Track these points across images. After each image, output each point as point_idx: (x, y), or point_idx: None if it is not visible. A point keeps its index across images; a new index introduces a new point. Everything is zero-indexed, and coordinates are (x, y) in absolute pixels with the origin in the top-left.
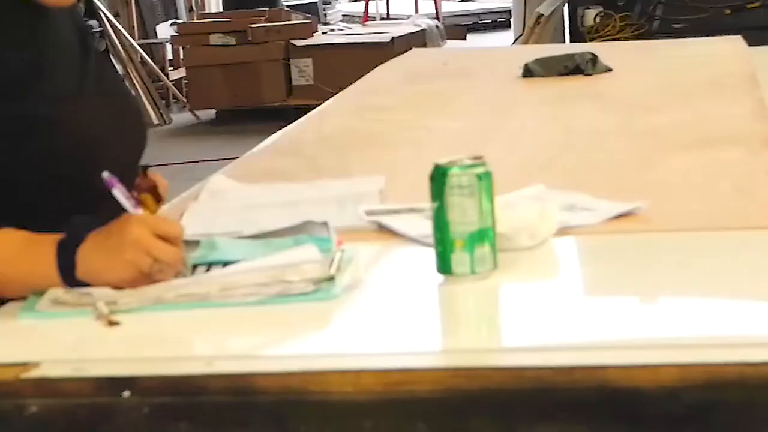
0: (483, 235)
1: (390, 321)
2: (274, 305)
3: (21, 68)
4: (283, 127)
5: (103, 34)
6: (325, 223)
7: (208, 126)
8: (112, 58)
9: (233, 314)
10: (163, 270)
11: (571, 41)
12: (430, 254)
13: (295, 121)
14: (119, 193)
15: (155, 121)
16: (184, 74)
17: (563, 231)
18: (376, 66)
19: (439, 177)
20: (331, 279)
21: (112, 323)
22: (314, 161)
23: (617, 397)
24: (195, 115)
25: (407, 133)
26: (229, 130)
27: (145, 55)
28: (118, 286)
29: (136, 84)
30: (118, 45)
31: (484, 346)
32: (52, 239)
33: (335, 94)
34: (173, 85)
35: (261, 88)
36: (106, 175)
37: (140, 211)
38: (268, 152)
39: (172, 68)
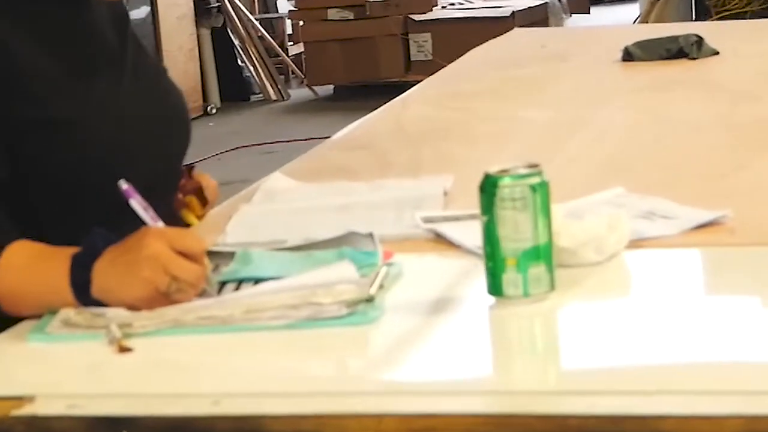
0: (538, 253)
1: (425, 352)
2: (304, 330)
3: (49, 68)
4: None
5: (221, 9)
6: (370, 235)
7: (325, 102)
8: (230, 33)
9: (257, 340)
10: (182, 289)
11: (696, 17)
12: None
13: None
14: (137, 204)
15: (273, 97)
16: (303, 49)
17: (636, 243)
18: None
19: (489, 188)
20: (370, 300)
21: (123, 349)
22: (384, 156)
23: None
24: (313, 90)
25: (487, 125)
26: (347, 106)
27: (263, 30)
28: (134, 306)
29: (254, 59)
30: (236, 20)
31: (522, 388)
32: (68, 253)
33: None
34: (293, 60)
35: (379, 63)
36: (123, 184)
37: (160, 224)
38: (339, 145)
39: (291, 43)
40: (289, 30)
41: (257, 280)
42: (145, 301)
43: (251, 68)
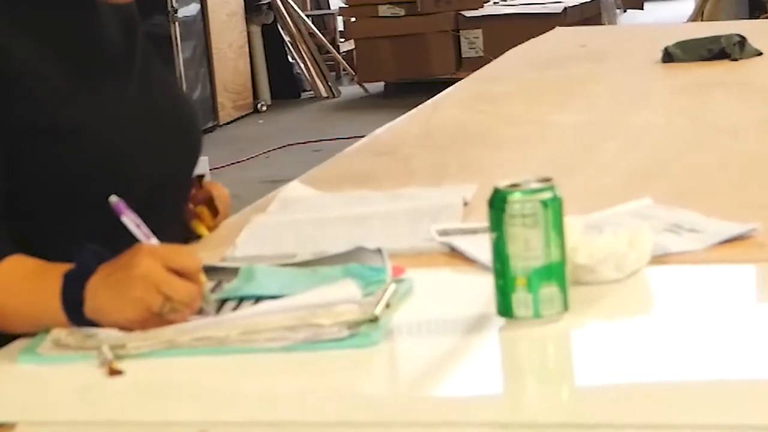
0: (550, 272)
1: (428, 379)
2: (303, 352)
3: (50, 72)
4: None
5: (271, 6)
6: (379, 251)
7: (376, 99)
8: (280, 30)
9: (253, 363)
10: (176, 309)
11: (750, 13)
12: None
13: None
14: (128, 220)
15: (323, 94)
16: (354, 46)
17: (660, 259)
18: None
19: (498, 203)
20: (374, 320)
21: (114, 372)
22: (408, 162)
23: None
24: (363, 87)
25: (516, 129)
26: (398, 103)
27: (313, 27)
28: (127, 327)
29: (305, 56)
30: (287, 17)
31: (531, 419)
32: (61, 270)
33: None
34: (344, 57)
35: (430, 60)
36: (114, 199)
37: (154, 241)
38: (365, 149)
39: (343, 40)
40: (340, 27)
41: (258, 298)
42: (137, 322)
43: (302, 65)
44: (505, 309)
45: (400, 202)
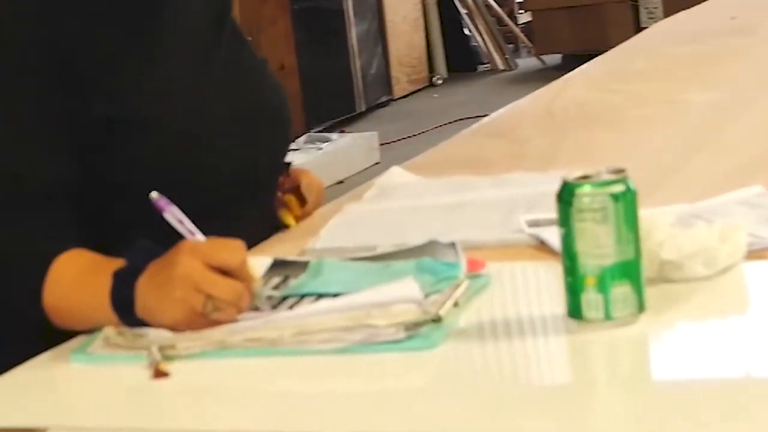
0: (622, 271)
1: (487, 386)
2: (359, 354)
3: (128, 61)
4: None
5: None
6: (452, 245)
7: (553, 71)
8: (456, 2)
9: (307, 365)
10: (219, 308)
11: None
12: None
13: None
14: (171, 216)
15: (500, 66)
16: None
17: (760, 253)
18: None
19: (566, 197)
20: (437, 320)
21: (159, 374)
22: (522, 146)
23: None
24: (541, 60)
25: (642, 110)
26: None
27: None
28: (174, 328)
29: (480, 29)
30: None
31: None
32: (114, 267)
33: None
34: (522, 29)
35: (608, 30)
36: (155, 195)
37: (199, 237)
38: (482, 131)
39: (522, 11)
40: None
41: (320, 296)
42: (184, 323)
43: (478, 38)
44: (574, 310)
45: (502, 188)
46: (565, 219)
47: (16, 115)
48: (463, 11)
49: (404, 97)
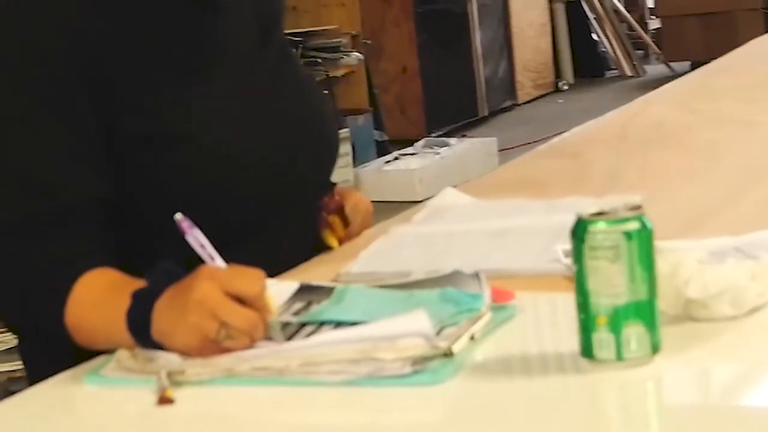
0: (636, 311)
1: (482, 428)
2: (366, 387)
3: (161, 76)
4: None
5: None
6: (476, 275)
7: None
8: (585, 7)
9: (313, 396)
10: (232, 336)
11: None
12: None
13: None
14: (193, 240)
15: (628, 73)
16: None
17: None
18: None
19: (579, 233)
20: (449, 355)
21: (163, 401)
22: (586, 168)
23: None
24: (669, 67)
25: (716, 131)
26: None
27: (618, 4)
28: (186, 353)
29: (609, 34)
30: None
31: None
32: (136, 287)
33: None
34: (652, 35)
35: (738, 38)
36: (178, 217)
37: (219, 262)
38: (550, 151)
39: (652, 17)
40: (650, 3)
41: (339, 323)
42: (195, 349)
43: (606, 43)
44: (586, 349)
45: (552, 213)
46: (578, 256)
47: (47, 132)
48: (591, 16)
49: (528, 102)
